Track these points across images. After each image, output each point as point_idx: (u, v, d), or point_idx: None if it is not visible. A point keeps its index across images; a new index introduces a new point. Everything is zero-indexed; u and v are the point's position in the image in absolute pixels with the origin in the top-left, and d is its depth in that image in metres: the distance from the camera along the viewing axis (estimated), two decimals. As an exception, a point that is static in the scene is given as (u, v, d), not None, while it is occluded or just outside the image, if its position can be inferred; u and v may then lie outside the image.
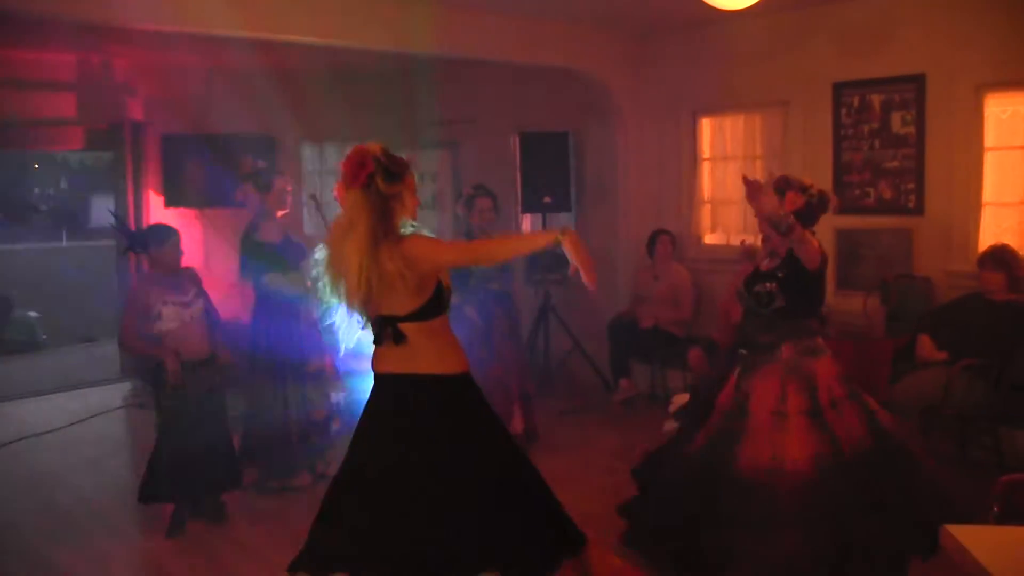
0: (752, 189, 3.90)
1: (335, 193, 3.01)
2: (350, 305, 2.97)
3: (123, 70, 7.61)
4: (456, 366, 3.05)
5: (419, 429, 2.99)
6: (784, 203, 3.78)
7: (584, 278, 2.81)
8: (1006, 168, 5.63)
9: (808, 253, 3.78)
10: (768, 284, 3.86)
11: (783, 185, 3.87)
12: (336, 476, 3.13)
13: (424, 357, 2.99)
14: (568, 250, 2.79)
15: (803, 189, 3.85)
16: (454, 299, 3.13)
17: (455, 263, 3.22)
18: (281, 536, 4.39)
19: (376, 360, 3.08)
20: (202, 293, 4.74)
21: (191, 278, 4.72)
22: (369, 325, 3.04)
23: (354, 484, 3.04)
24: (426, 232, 3.06)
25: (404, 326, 2.96)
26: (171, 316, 4.52)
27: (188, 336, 4.57)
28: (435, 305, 2.99)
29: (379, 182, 2.91)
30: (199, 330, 4.63)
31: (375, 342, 3.04)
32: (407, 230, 2.99)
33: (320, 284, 3.02)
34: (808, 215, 3.85)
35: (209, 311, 4.74)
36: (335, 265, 2.96)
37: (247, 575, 4.18)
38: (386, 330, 2.97)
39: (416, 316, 2.96)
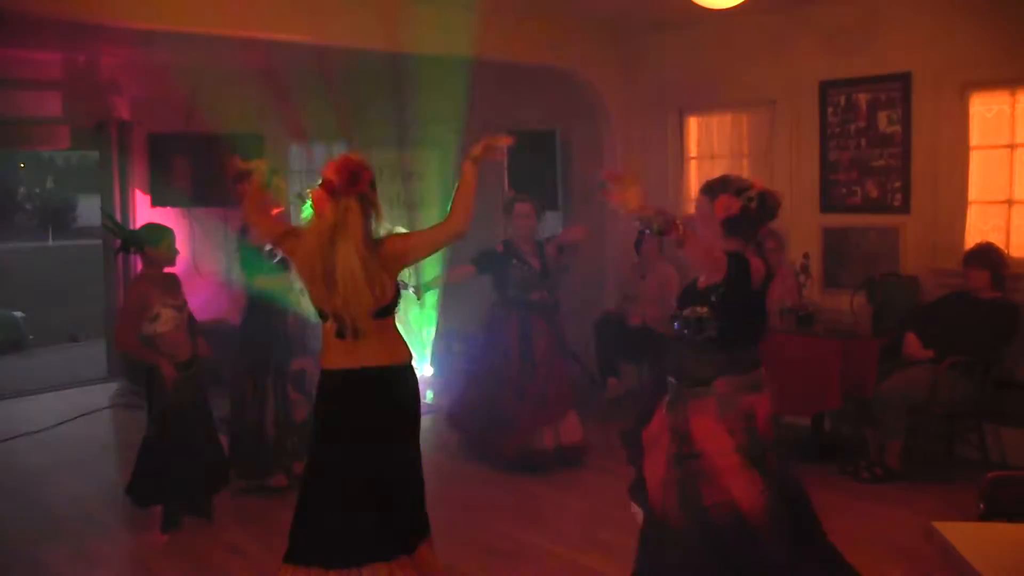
0: (614, 182, 3.16)
1: (313, 198, 3.11)
2: (345, 306, 3.11)
3: (109, 69, 7.58)
4: (405, 356, 3.33)
5: (373, 419, 3.24)
6: (715, 208, 3.21)
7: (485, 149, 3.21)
8: (991, 167, 5.66)
9: (705, 263, 3.22)
10: (699, 308, 3.20)
11: (716, 187, 3.27)
12: (304, 470, 3.39)
13: (379, 350, 3.23)
14: (478, 153, 3.22)
15: (739, 191, 3.20)
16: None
17: (436, 247, 3.37)
18: (268, 536, 4.38)
19: (329, 355, 3.26)
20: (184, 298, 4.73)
21: (179, 282, 4.70)
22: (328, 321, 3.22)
23: (316, 477, 3.28)
24: (399, 229, 3.31)
25: (368, 322, 3.16)
26: (168, 319, 4.48)
27: (179, 339, 4.55)
28: (396, 302, 3.25)
29: (369, 191, 3.15)
30: (186, 332, 4.62)
31: (338, 336, 3.18)
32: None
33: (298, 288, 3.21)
34: (745, 223, 3.21)
35: (190, 312, 4.73)
36: (323, 270, 3.11)
37: (234, 573, 4.18)
38: (353, 326, 3.15)
39: (384, 312, 3.19)
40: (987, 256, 5.19)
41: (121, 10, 4.90)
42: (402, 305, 3.33)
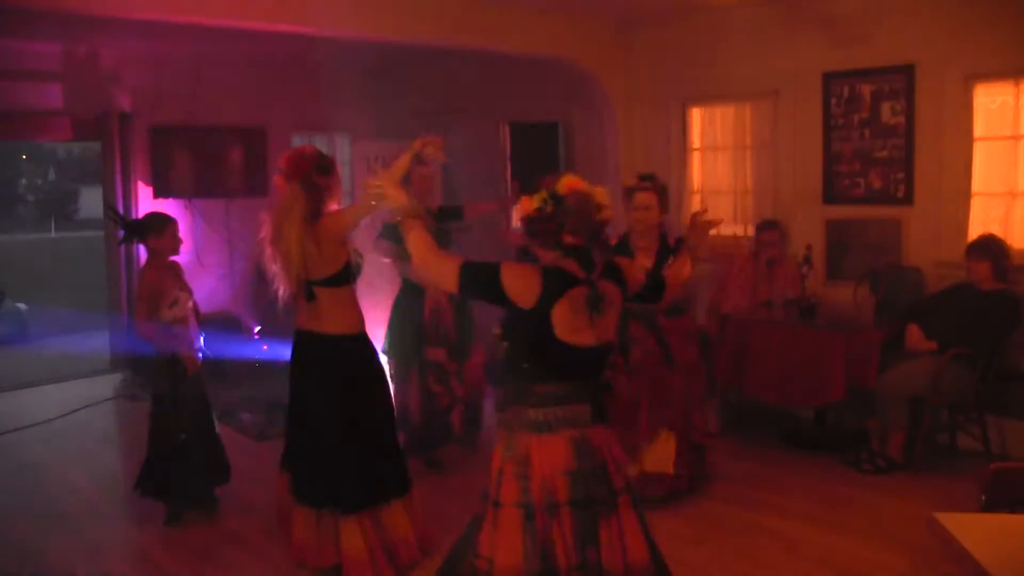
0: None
1: (276, 183, 3.80)
2: (288, 272, 3.69)
3: (110, 60, 7.57)
4: (355, 328, 3.87)
5: (323, 378, 3.82)
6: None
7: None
8: (995, 158, 5.64)
9: (435, 276, 2.76)
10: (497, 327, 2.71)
11: (533, 188, 2.73)
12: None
13: (330, 319, 3.79)
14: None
15: (536, 191, 2.70)
16: None
17: (352, 224, 3.71)
18: (270, 525, 4.40)
19: (297, 317, 3.88)
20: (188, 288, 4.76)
21: (181, 269, 4.74)
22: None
23: (291, 427, 3.97)
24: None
25: (317, 289, 3.74)
26: (184, 303, 4.56)
27: (192, 327, 4.62)
28: (344, 276, 3.78)
29: (313, 176, 3.73)
30: (192, 323, 4.66)
31: (306, 298, 3.77)
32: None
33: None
34: (540, 226, 2.67)
35: (195, 303, 4.78)
36: (276, 241, 3.73)
37: (238, 564, 4.18)
38: (306, 289, 3.73)
39: (328, 282, 3.73)
40: (990, 248, 5.17)
41: (121, 1, 4.89)
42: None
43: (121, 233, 4.69)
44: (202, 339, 4.72)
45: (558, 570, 2.52)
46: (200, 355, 4.66)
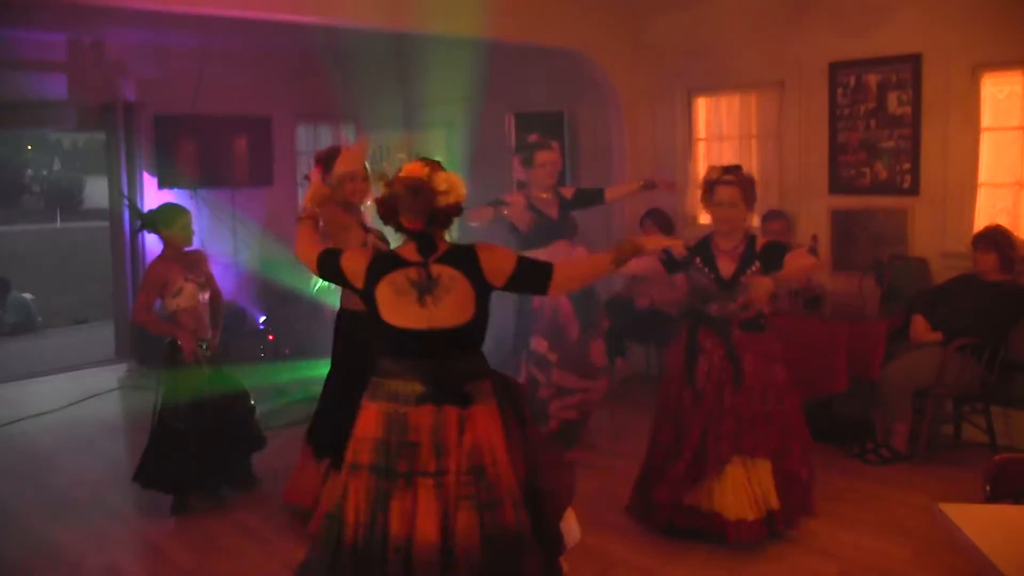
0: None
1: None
2: None
3: (115, 50, 7.56)
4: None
5: (358, 350, 3.94)
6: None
7: None
8: (1002, 148, 5.62)
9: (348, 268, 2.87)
10: None
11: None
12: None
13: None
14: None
15: (383, 176, 2.80)
16: None
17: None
18: (279, 517, 4.41)
19: (342, 298, 4.22)
20: (212, 278, 4.82)
21: (203, 259, 4.81)
22: None
23: (324, 394, 4.33)
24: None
25: None
26: (190, 293, 4.59)
27: (200, 315, 4.66)
28: None
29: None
30: (205, 312, 4.72)
31: None
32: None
33: None
34: (382, 213, 2.80)
35: (215, 293, 4.83)
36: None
37: (246, 555, 4.20)
38: None
39: None
40: (996, 238, 5.16)
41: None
42: None
43: (130, 223, 4.75)
44: (217, 327, 4.80)
45: (346, 524, 2.71)
46: (202, 343, 4.68)
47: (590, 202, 5.35)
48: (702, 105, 7.20)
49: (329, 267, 2.91)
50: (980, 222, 5.55)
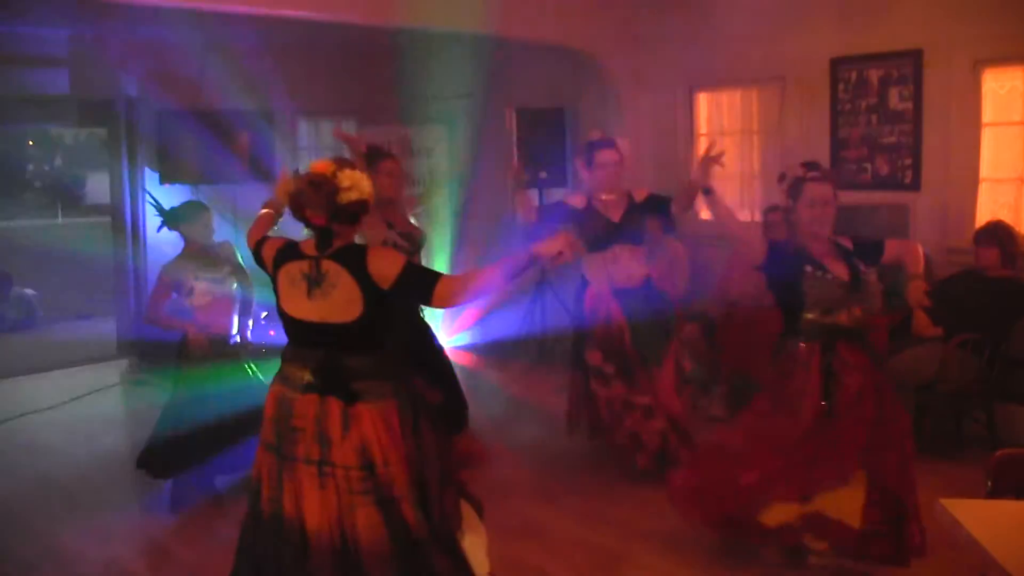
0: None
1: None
2: None
3: (116, 45, 7.55)
4: None
5: None
6: None
7: None
8: (1003, 144, 5.62)
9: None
10: None
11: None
12: None
13: None
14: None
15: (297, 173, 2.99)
16: None
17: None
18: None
19: None
20: (240, 269, 4.82)
21: (227, 254, 4.81)
22: None
23: None
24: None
25: None
26: (203, 291, 4.62)
27: (219, 311, 4.67)
28: None
29: None
30: (228, 306, 4.72)
31: None
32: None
33: None
34: (291, 208, 2.92)
35: (244, 288, 4.82)
36: None
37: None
38: None
39: None
40: (997, 234, 5.16)
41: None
42: None
43: (160, 219, 4.80)
44: (235, 322, 4.80)
45: (261, 496, 2.94)
46: (221, 337, 4.71)
47: (659, 210, 4.91)
48: (703, 101, 7.20)
49: (255, 255, 3.13)
50: (982, 218, 5.55)
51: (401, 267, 2.79)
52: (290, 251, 2.92)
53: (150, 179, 7.78)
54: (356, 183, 2.81)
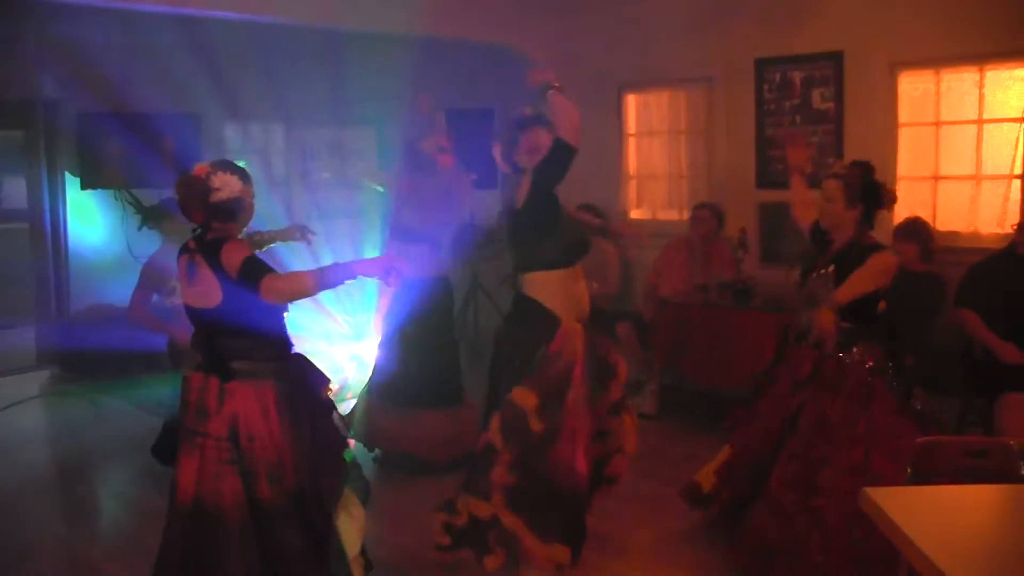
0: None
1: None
2: None
3: (33, 44, 7.30)
4: None
5: None
6: None
7: None
8: (918, 144, 5.80)
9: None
10: None
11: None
12: None
13: None
14: None
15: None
16: None
17: None
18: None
19: None
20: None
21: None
22: None
23: None
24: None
25: None
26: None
27: None
28: None
29: None
30: None
31: None
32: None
33: None
34: (180, 208, 3.14)
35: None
36: None
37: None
38: None
39: None
40: (916, 230, 5.32)
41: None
42: None
43: (139, 217, 4.78)
44: None
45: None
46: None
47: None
48: (632, 101, 7.28)
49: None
50: (900, 215, 5.70)
51: (243, 259, 3.01)
52: (183, 247, 3.18)
53: (71, 183, 7.58)
54: (224, 184, 3.07)
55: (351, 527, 3.17)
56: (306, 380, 3.18)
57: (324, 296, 6.85)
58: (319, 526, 3.07)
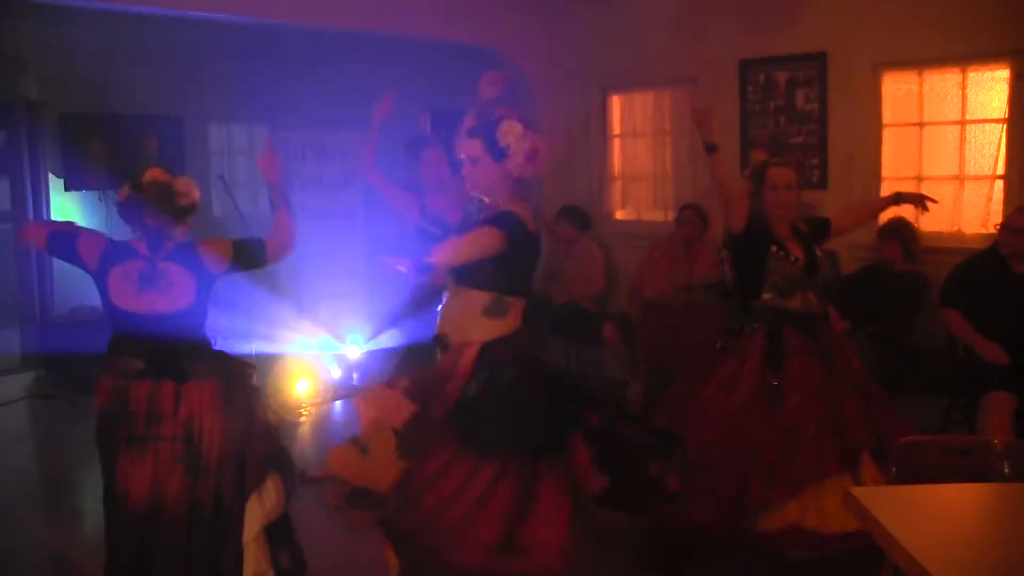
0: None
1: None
2: None
3: (14, 45, 7.26)
4: None
5: None
6: None
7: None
8: (902, 144, 5.84)
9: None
10: None
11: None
12: None
13: None
14: None
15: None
16: None
17: None
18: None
19: None
20: None
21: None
22: None
23: None
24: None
25: None
26: None
27: None
28: None
29: None
30: None
31: None
32: None
33: None
34: (125, 213, 3.27)
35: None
36: None
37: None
38: None
39: None
40: (899, 230, 5.36)
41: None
42: None
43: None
44: None
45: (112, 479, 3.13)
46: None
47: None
48: (617, 102, 7.29)
49: (67, 244, 3.22)
50: (884, 215, 5.75)
51: (230, 243, 3.17)
52: (123, 251, 3.13)
53: (54, 185, 7.53)
54: (188, 189, 3.19)
55: (256, 510, 3.20)
56: (238, 371, 3.27)
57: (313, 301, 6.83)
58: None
